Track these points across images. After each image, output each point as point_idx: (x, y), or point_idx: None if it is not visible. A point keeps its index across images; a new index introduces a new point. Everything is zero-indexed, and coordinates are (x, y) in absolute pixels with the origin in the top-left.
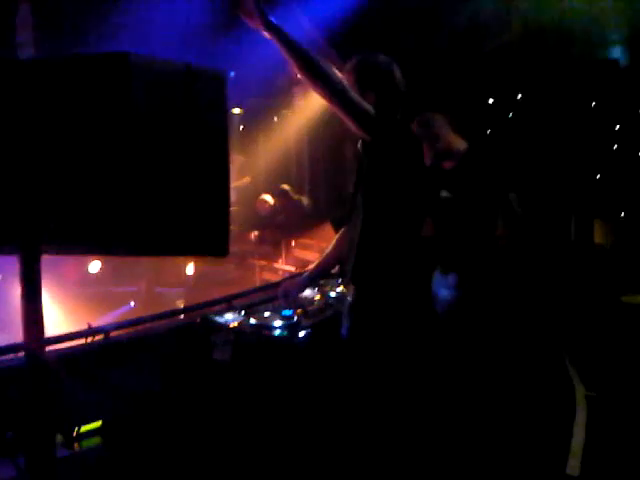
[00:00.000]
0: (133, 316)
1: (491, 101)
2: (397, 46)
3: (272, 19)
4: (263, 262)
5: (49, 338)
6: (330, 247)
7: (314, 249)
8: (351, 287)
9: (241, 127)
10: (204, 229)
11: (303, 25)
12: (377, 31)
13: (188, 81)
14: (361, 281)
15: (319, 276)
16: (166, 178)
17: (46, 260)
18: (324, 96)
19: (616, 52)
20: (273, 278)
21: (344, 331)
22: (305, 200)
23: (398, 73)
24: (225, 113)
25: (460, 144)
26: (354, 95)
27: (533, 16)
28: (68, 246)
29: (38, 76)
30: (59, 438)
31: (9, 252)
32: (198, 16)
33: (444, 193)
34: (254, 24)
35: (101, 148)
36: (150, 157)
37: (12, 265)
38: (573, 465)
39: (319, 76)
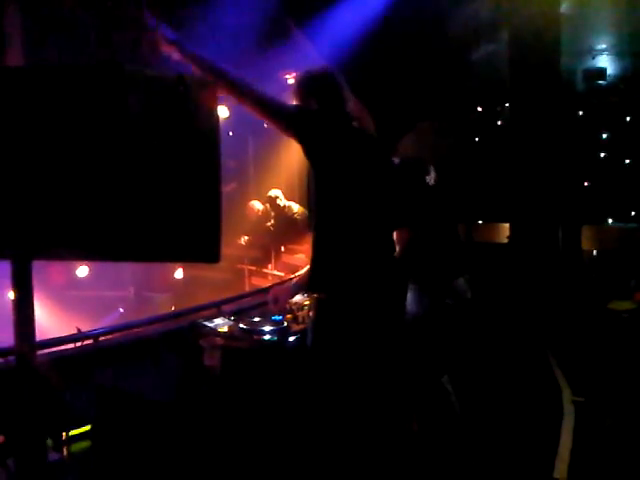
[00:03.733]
0: (122, 320)
1: (480, 109)
2: (392, 60)
3: (173, 36)
4: (252, 267)
5: (39, 342)
6: None
7: (303, 255)
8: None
9: (230, 133)
10: (196, 235)
11: (310, 54)
12: (375, 52)
13: (180, 90)
14: (317, 289)
15: None
16: (158, 185)
17: (33, 264)
18: (240, 101)
19: (603, 61)
20: (262, 283)
21: (308, 341)
22: (295, 206)
23: (337, 77)
24: (216, 121)
25: None
26: (268, 95)
27: (520, 25)
28: (59, 252)
29: (31, 84)
30: (49, 442)
31: (0, 256)
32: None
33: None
34: (166, 50)
35: (93, 156)
36: (142, 164)
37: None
38: (560, 470)
39: (229, 84)
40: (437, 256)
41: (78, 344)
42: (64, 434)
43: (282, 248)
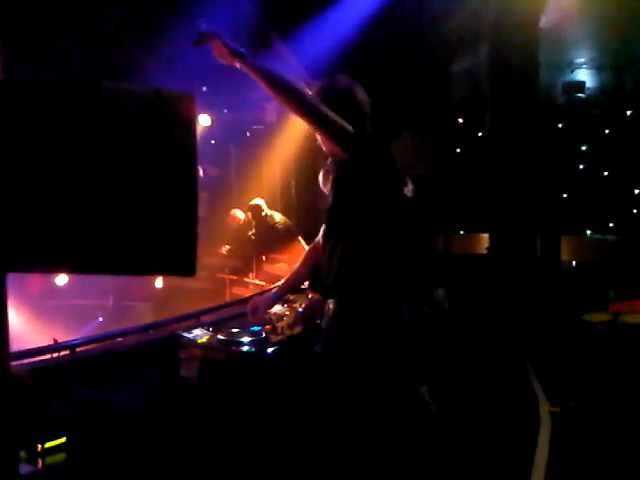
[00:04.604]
0: (101, 331)
1: (461, 120)
2: (374, 72)
3: (241, 50)
4: (233, 277)
5: (14, 353)
6: (299, 263)
7: (285, 264)
8: (331, 302)
9: (212, 141)
10: (172, 249)
11: (292, 64)
12: (357, 63)
13: (156, 105)
14: (341, 295)
15: (288, 292)
16: (134, 198)
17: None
18: (304, 119)
19: (582, 74)
20: (243, 293)
21: (319, 346)
22: (277, 215)
23: (360, 93)
24: (193, 135)
25: None
26: (332, 115)
27: (501, 38)
28: (34, 264)
29: (6, 98)
30: (22, 454)
31: None
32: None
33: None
34: (226, 61)
35: (69, 169)
36: (118, 178)
37: None
38: None
39: (296, 100)
40: (416, 267)
41: (55, 355)
42: (39, 446)
43: (263, 257)
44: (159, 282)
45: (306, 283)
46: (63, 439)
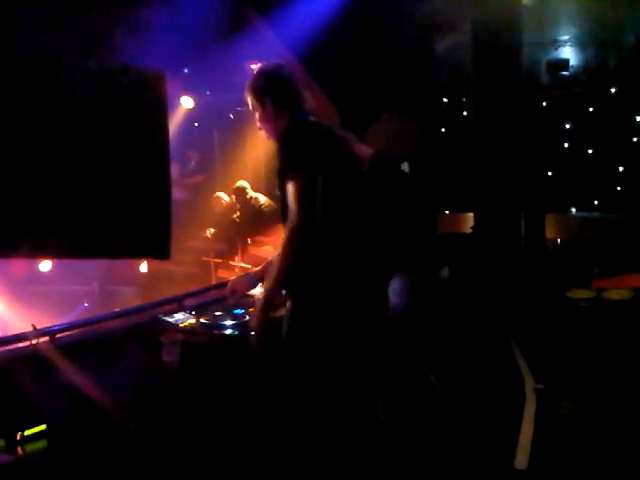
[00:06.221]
0: (87, 315)
1: (445, 100)
2: (357, 51)
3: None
4: (218, 260)
5: None
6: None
7: (270, 246)
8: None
9: (196, 124)
10: (146, 233)
11: (273, 44)
12: (339, 43)
13: (125, 82)
14: (291, 287)
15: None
16: (104, 180)
17: None
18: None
19: (566, 52)
20: (229, 276)
21: (283, 333)
22: (262, 197)
23: (293, 76)
24: (165, 113)
25: None
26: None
27: (483, 16)
28: (10, 250)
29: None
30: (1, 443)
31: None
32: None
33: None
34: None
35: (36, 151)
36: (87, 159)
37: None
38: (521, 459)
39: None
40: (423, 246)
41: (34, 341)
42: (19, 434)
43: (249, 240)
44: (144, 267)
45: None
46: (43, 426)
